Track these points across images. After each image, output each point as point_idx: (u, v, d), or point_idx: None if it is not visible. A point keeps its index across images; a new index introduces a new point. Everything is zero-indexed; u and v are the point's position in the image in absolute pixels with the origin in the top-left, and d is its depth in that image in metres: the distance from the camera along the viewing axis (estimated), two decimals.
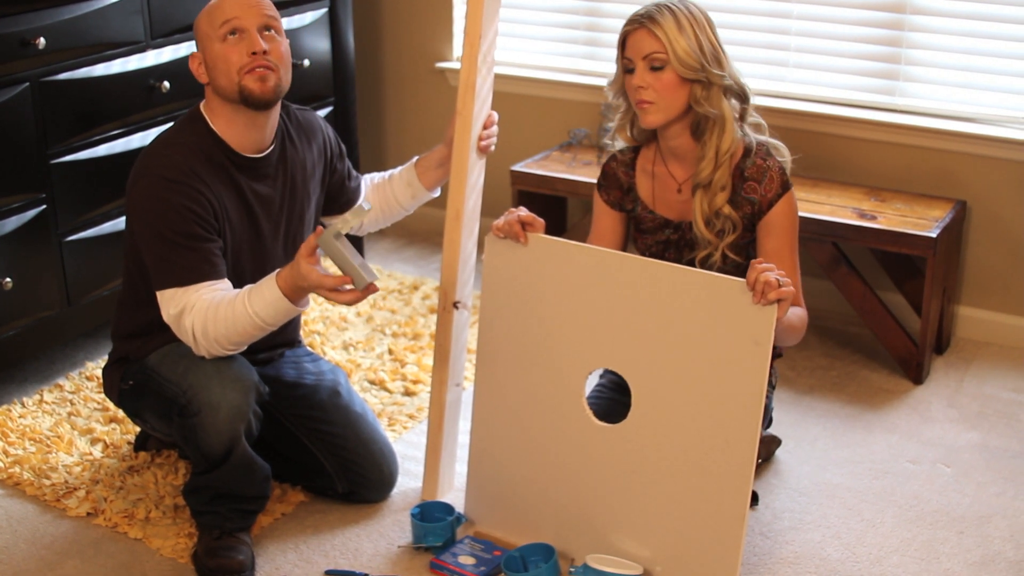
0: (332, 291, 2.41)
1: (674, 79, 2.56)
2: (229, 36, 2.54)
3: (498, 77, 2.86)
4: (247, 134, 2.63)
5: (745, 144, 2.67)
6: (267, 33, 2.57)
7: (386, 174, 3.01)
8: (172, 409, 2.58)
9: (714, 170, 2.62)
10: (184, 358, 2.57)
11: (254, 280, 2.68)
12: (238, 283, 2.62)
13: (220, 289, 2.53)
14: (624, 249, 2.85)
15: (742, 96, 2.64)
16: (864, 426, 3.26)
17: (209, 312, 2.47)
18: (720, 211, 2.64)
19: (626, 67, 2.62)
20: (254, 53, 2.53)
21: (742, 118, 2.66)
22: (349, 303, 2.43)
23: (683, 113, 2.61)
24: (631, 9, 4.04)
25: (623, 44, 2.62)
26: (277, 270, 2.48)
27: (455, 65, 4.40)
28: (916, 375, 3.49)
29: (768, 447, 3.06)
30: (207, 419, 2.52)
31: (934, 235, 3.36)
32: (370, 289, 2.42)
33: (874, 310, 3.50)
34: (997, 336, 3.74)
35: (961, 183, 3.67)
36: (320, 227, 2.42)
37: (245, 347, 2.57)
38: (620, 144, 2.82)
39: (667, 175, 2.73)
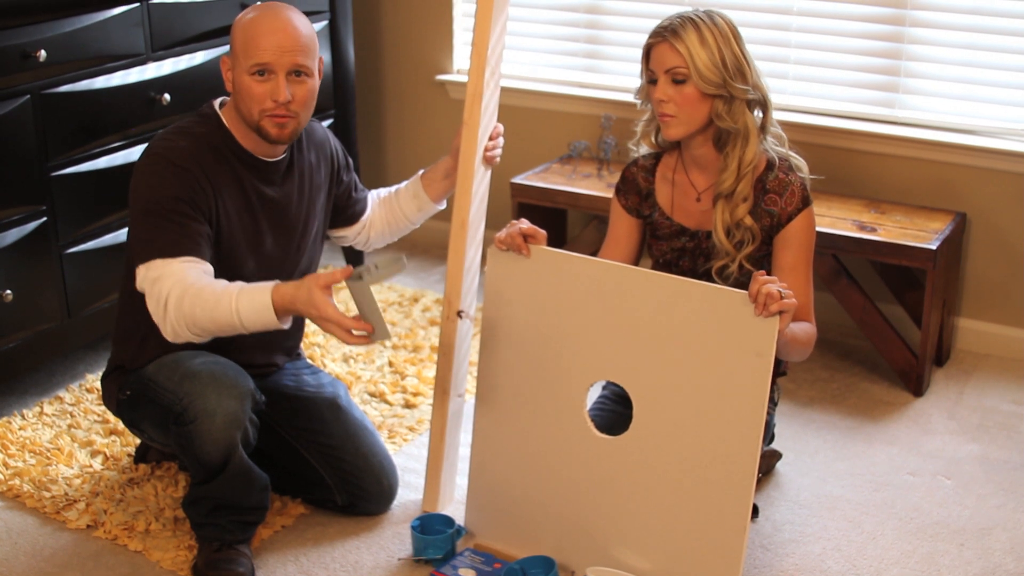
0: (345, 331, 2.36)
1: (695, 93, 2.56)
2: (257, 74, 2.54)
3: (500, 90, 2.87)
4: (258, 146, 2.65)
5: (768, 157, 2.68)
6: (295, 76, 2.56)
7: (392, 189, 3.02)
8: (168, 417, 2.58)
9: (736, 181, 2.62)
10: (180, 367, 2.57)
11: (253, 278, 2.69)
12: (235, 279, 2.62)
13: (203, 270, 2.52)
14: (639, 255, 2.85)
15: (764, 106, 2.64)
16: (864, 438, 3.26)
17: (192, 289, 2.44)
18: (741, 222, 2.64)
19: (649, 78, 2.63)
20: (277, 100, 2.54)
21: (763, 129, 2.66)
22: (351, 344, 2.40)
23: (705, 126, 2.62)
24: (632, 22, 4.08)
25: (647, 56, 2.63)
26: (276, 282, 2.45)
27: (455, 78, 4.41)
28: (916, 387, 3.48)
29: (769, 461, 3.06)
30: (203, 426, 2.52)
31: (934, 247, 3.36)
32: (380, 342, 2.43)
33: (874, 322, 3.50)
34: (997, 348, 3.74)
35: (961, 195, 3.67)
36: (350, 267, 2.37)
37: (207, 339, 2.52)
38: (644, 149, 2.82)
39: (687, 183, 2.74)
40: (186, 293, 2.44)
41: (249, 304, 2.41)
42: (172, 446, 2.67)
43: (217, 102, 2.69)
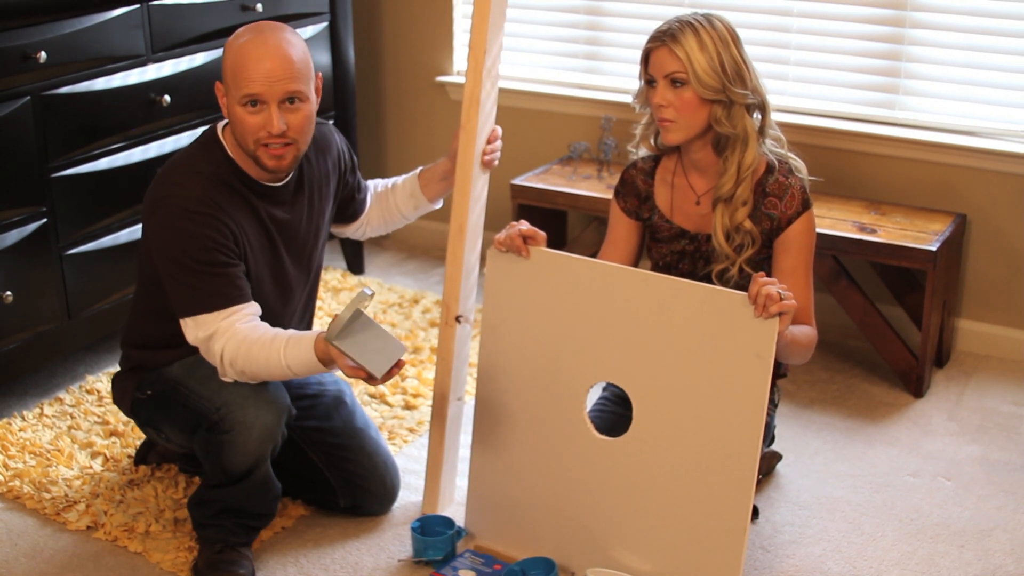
0: (352, 377, 2.42)
1: (694, 98, 2.56)
2: (249, 105, 2.48)
3: (499, 91, 2.87)
4: (263, 173, 2.60)
5: (767, 160, 2.67)
6: (289, 104, 2.49)
7: (389, 182, 3.00)
8: (200, 423, 2.57)
9: (736, 185, 2.62)
10: (216, 374, 2.56)
11: (273, 300, 2.67)
12: (260, 306, 2.60)
13: (249, 314, 2.52)
14: (638, 258, 2.85)
15: (762, 109, 2.64)
16: (864, 439, 3.26)
17: (243, 347, 2.46)
18: (741, 226, 2.64)
19: (648, 82, 2.63)
20: (270, 132, 2.49)
21: (762, 132, 2.66)
22: (373, 385, 2.44)
23: (704, 130, 2.61)
24: (632, 23, 4.08)
25: (646, 60, 2.62)
26: (318, 332, 2.44)
27: (455, 79, 4.41)
28: (916, 388, 3.48)
29: (769, 462, 3.06)
30: (239, 437, 2.52)
31: (934, 248, 3.36)
32: (392, 373, 2.41)
33: (874, 323, 3.50)
34: (997, 349, 3.74)
35: (961, 196, 3.67)
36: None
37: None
38: (644, 152, 2.82)
39: (687, 186, 2.74)
40: (237, 352, 2.46)
41: (297, 359, 2.44)
42: (195, 449, 2.65)
43: (220, 126, 2.63)
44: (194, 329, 2.51)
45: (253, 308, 2.54)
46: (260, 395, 2.54)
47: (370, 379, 2.39)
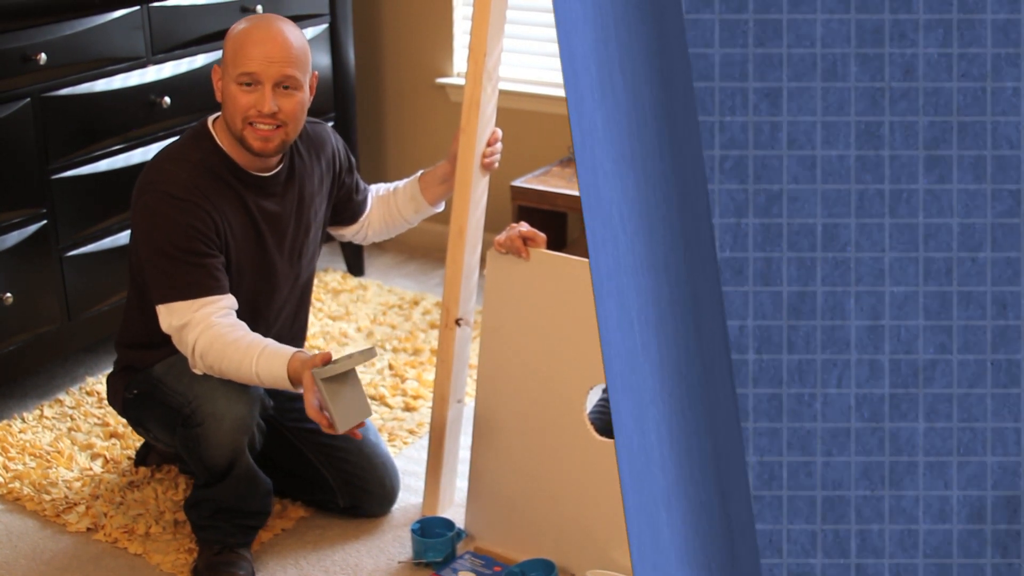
0: (310, 416, 2.43)
1: None
2: (244, 84, 2.52)
3: (499, 92, 2.88)
4: (253, 162, 2.63)
5: None
6: (283, 89, 2.53)
7: (390, 186, 3.01)
8: (176, 419, 2.59)
9: None
10: (191, 369, 2.58)
11: (256, 292, 2.68)
12: (240, 296, 2.62)
13: (225, 307, 2.53)
14: None
15: None
16: None
17: (216, 344, 2.47)
18: None
19: None
20: (261, 111, 2.52)
21: None
22: (328, 432, 2.48)
23: None
24: None
25: None
26: (295, 351, 2.46)
27: (456, 81, 4.41)
28: None
29: None
30: (210, 430, 2.53)
31: None
32: (351, 434, 2.46)
33: None
34: None
35: None
36: (329, 353, 2.42)
37: None
38: None
39: None
40: (211, 348, 2.48)
41: (268, 371, 2.46)
42: (178, 447, 2.67)
43: (211, 119, 2.66)
44: (167, 316, 2.53)
45: (229, 301, 2.55)
46: (231, 386, 2.54)
47: (328, 427, 2.44)
